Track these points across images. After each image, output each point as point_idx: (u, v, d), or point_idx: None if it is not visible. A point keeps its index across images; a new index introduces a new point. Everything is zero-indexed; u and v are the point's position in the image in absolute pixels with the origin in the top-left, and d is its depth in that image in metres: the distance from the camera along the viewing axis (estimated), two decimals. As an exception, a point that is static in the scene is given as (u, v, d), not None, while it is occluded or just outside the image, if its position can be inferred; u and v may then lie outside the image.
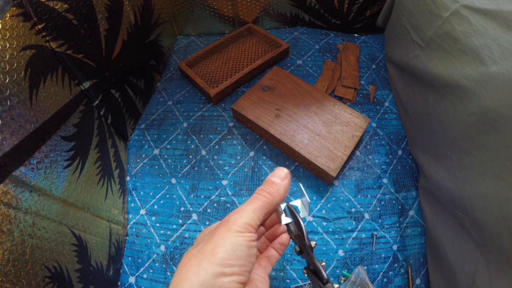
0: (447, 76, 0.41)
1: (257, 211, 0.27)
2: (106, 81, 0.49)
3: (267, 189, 0.28)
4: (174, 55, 0.75)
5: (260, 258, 0.32)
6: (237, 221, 0.25)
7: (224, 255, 0.23)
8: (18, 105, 0.30)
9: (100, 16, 0.44)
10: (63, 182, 0.36)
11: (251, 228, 0.25)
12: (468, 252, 0.34)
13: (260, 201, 0.27)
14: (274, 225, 0.34)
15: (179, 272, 0.24)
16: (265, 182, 0.29)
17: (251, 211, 0.26)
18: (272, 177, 0.30)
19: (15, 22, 0.31)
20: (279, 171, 0.30)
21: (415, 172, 0.54)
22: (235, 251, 0.24)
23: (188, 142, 0.58)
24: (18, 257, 0.27)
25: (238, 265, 0.24)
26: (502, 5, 0.35)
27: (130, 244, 0.50)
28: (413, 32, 0.51)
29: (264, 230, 0.34)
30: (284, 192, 0.29)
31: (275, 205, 0.28)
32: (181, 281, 0.23)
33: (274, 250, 0.32)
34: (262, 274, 0.29)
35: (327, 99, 0.57)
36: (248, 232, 0.25)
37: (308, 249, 0.31)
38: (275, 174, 0.30)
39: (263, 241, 0.34)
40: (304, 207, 0.35)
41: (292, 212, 0.32)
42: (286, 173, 0.30)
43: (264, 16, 0.75)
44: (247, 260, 0.24)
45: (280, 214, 0.33)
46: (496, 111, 0.32)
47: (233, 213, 0.26)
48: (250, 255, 0.25)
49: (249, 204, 0.27)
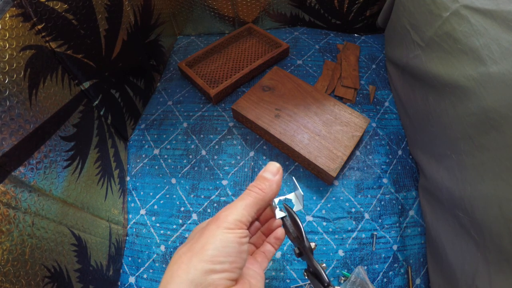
0: (447, 76, 0.40)
1: (248, 207, 0.26)
2: (106, 81, 0.49)
3: (259, 185, 0.28)
4: (174, 55, 0.75)
5: (256, 253, 0.32)
6: (228, 218, 0.25)
7: (214, 252, 0.23)
8: (17, 105, 0.30)
9: (100, 16, 0.44)
10: (63, 182, 0.36)
11: (242, 224, 0.25)
12: (468, 252, 0.34)
13: (252, 198, 0.27)
14: (269, 220, 0.34)
15: (169, 269, 0.24)
16: (257, 178, 0.29)
17: (242, 207, 0.26)
18: (263, 172, 0.30)
19: (14, 22, 0.31)
20: (271, 166, 0.30)
21: (415, 172, 0.54)
22: (225, 247, 0.24)
23: (188, 142, 0.58)
24: (18, 257, 0.27)
25: (228, 261, 0.24)
26: (502, 5, 0.35)
27: (130, 244, 0.50)
28: (413, 32, 0.51)
29: (260, 225, 0.34)
30: (277, 187, 0.29)
31: (268, 201, 0.28)
32: (172, 278, 0.23)
33: (270, 245, 0.32)
34: (257, 269, 0.29)
35: (327, 99, 0.57)
36: (239, 229, 0.25)
37: (308, 251, 0.31)
38: (267, 169, 0.30)
39: (258, 236, 0.34)
40: (298, 200, 0.34)
41: (290, 214, 0.32)
42: (278, 168, 0.30)
43: (264, 16, 0.74)
44: (237, 256, 0.24)
45: (274, 208, 0.32)
46: (496, 111, 0.32)
47: (224, 209, 0.26)
48: (241, 252, 0.25)
49: (240, 201, 0.27)
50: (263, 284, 0.28)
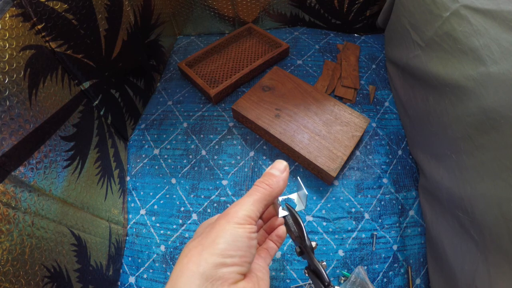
0: (447, 76, 0.40)
1: (257, 203, 0.27)
2: (106, 81, 0.49)
3: (266, 181, 0.29)
4: (174, 55, 0.75)
5: (260, 250, 0.32)
6: (237, 213, 0.25)
7: (225, 246, 0.23)
8: (17, 105, 0.30)
9: (100, 16, 0.44)
10: (63, 182, 0.36)
11: (251, 220, 0.26)
12: (468, 252, 0.34)
13: (260, 193, 0.28)
14: (272, 218, 0.34)
15: (179, 262, 0.24)
16: (264, 175, 0.30)
17: (251, 203, 0.27)
18: (271, 169, 0.30)
19: (14, 22, 0.31)
20: (278, 164, 0.30)
21: (415, 172, 0.54)
22: (236, 242, 0.24)
23: (188, 142, 0.58)
24: (17, 256, 0.27)
25: (238, 255, 0.24)
26: (502, 5, 0.35)
27: (130, 244, 0.50)
28: (413, 32, 0.51)
29: (262, 223, 0.34)
30: (283, 184, 0.29)
31: (274, 197, 0.29)
32: (182, 271, 0.23)
33: (272, 243, 0.33)
34: (262, 264, 0.29)
35: (327, 99, 0.57)
36: (248, 224, 0.25)
37: (309, 250, 0.31)
38: (274, 167, 0.30)
39: (261, 233, 0.34)
40: (300, 200, 0.35)
41: (292, 213, 0.32)
42: (285, 166, 0.30)
43: (264, 16, 0.75)
44: (247, 251, 0.25)
45: (277, 206, 0.33)
46: (496, 111, 0.31)
47: (233, 205, 0.27)
48: (250, 247, 0.25)
49: (248, 196, 0.27)
50: (268, 277, 0.28)
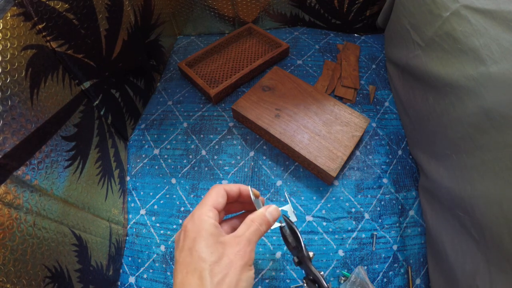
0: (447, 76, 0.41)
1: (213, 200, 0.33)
2: (106, 81, 0.49)
3: None
4: (174, 55, 0.75)
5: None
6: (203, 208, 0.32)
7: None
8: (19, 105, 0.30)
9: (100, 16, 0.44)
10: (64, 182, 0.36)
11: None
12: (468, 252, 0.34)
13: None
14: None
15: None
16: None
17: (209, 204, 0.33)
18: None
19: (15, 22, 0.31)
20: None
21: (415, 172, 0.54)
22: None
23: (188, 142, 0.58)
24: (19, 257, 0.27)
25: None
26: (502, 5, 0.35)
27: (130, 244, 0.50)
28: (413, 32, 0.51)
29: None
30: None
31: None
32: None
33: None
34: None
35: (327, 99, 0.57)
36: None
37: (307, 260, 0.31)
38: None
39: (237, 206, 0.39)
40: (292, 213, 0.38)
41: (289, 225, 0.34)
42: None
43: (264, 16, 0.75)
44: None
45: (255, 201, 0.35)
46: (496, 111, 0.32)
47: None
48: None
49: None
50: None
